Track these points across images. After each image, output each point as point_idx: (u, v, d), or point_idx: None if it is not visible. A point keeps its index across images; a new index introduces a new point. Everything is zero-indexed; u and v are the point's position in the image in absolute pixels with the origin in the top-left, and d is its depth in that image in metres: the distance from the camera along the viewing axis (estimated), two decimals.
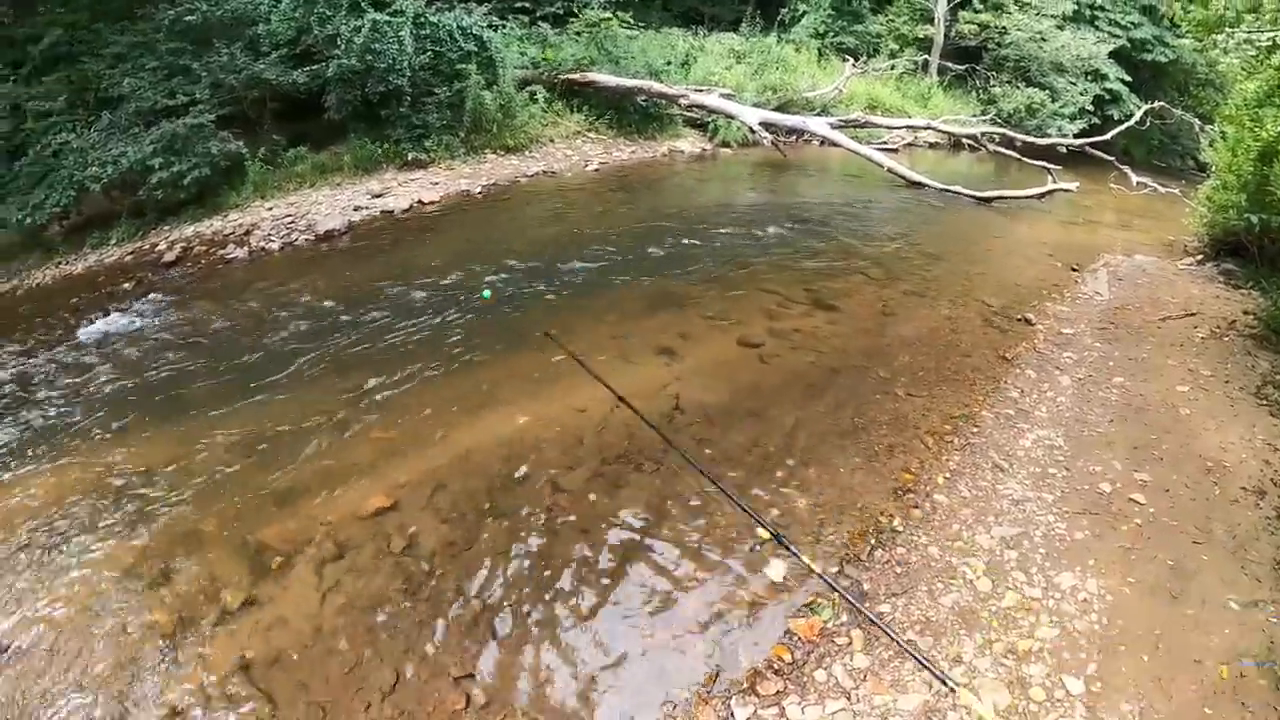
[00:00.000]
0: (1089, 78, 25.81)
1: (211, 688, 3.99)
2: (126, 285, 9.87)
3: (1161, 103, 25.55)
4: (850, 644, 4.22)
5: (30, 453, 6.23)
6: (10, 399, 7.23)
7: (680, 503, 5.30)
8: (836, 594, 4.38)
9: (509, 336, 7.77)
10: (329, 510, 5.23)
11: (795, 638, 4.27)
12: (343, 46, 13.04)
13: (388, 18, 13.51)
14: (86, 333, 8.53)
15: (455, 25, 14.42)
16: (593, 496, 5.35)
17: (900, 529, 5.16)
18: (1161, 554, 4.88)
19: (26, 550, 5.01)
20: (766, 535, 4.84)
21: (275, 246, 10.54)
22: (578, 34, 18.41)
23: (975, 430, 6.43)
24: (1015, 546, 4.97)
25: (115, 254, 11.18)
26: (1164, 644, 4.19)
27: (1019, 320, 8.89)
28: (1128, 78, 26.47)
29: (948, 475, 5.78)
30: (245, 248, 10.49)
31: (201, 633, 4.34)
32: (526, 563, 4.77)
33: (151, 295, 9.33)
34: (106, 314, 8.96)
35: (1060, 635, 4.24)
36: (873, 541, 5.04)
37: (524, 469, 5.61)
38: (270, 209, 11.88)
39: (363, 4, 13.77)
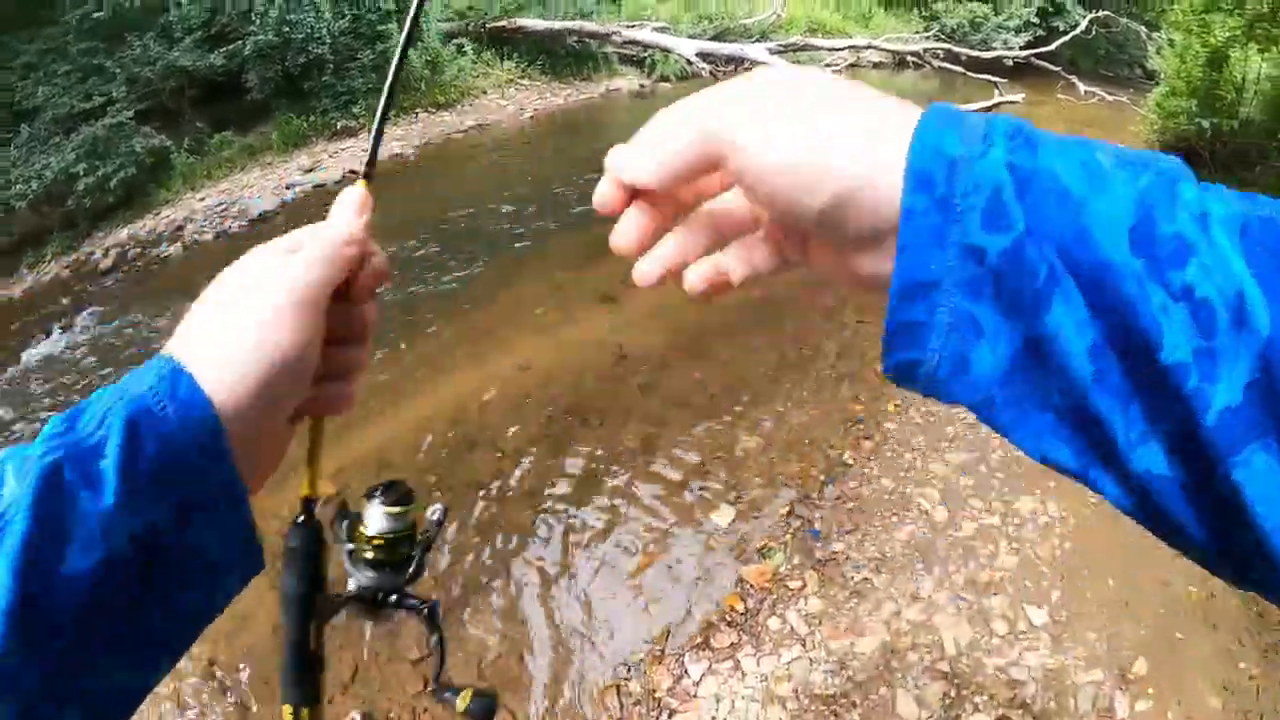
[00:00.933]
0: None
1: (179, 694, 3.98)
2: (65, 301, 9.65)
3: (1106, 11, 25.35)
4: (804, 587, 4.17)
5: None
6: None
7: (626, 456, 5.23)
8: (788, 536, 4.39)
9: (448, 300, 7.72)
10: (275, 504, 5.03)
11: (748, 586, 4.22)
12: (258, 22, 12.64)
13: None
14: (29, 356, 8.36)
15: None
16: (538, 459, 5.28)
17: (851, 462, 5.08)
18: None
19: None
20: (713, 483, 4.85)
21: (209, 238, 10.28)
22: None
23: None
24: (971, 472, 4.88)
25: (53, 270, 10.90)
26: (1129, 566, 4.12)
27: None
28: None
29: (899, 403, 5.69)
30: (178, 243, 10.25)
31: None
32: (474, 538, 4.71)
33: (90, 309, 9.14)
34: (49, 334, 8.78)
35: (1021, 564, 4.18)
36: (823, 478, 4.95)
37: (468, 437, 5.56)
38: (202, 200, 11.56)
39: None
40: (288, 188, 11.55)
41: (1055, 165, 0.43)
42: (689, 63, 17.12)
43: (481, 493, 5.01)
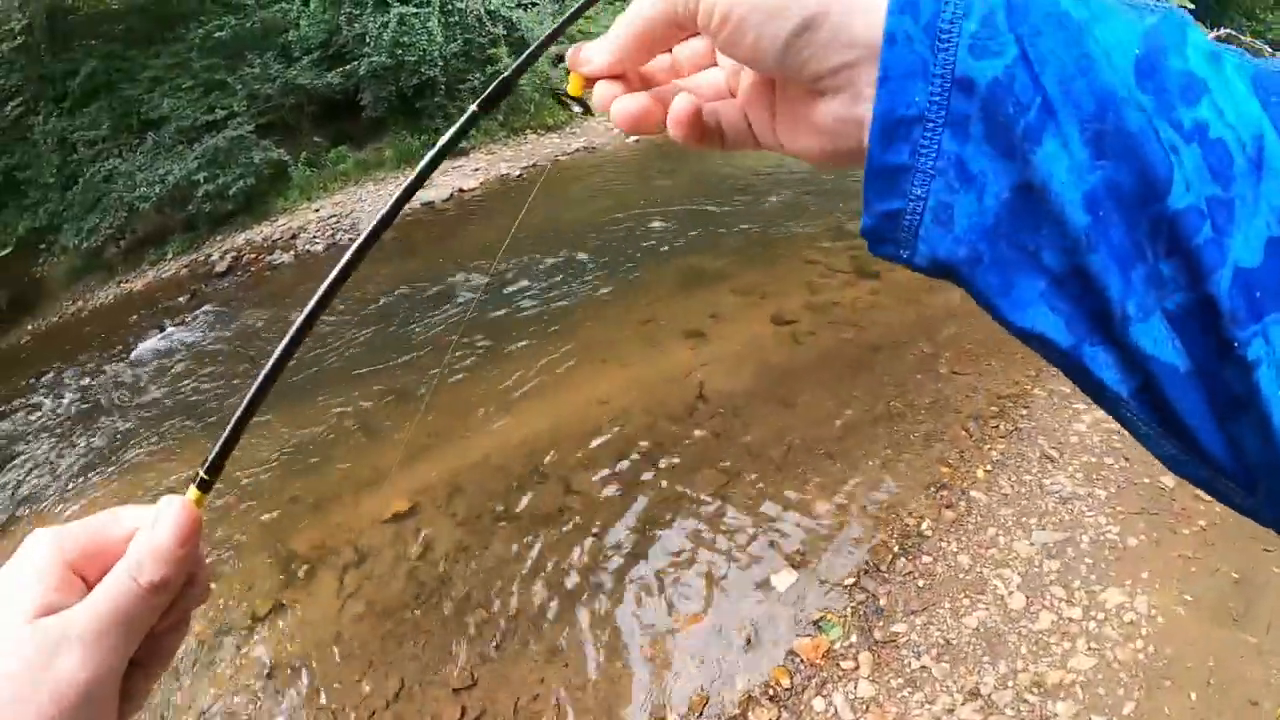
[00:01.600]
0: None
1: (236, 693, 4.18)
2: (181, 299, 10.21)
3: (1227, 29, 24.56)
4: (857, 669, 3.88)
5: (89, 469, 6.66)
6: (72, 419, 7.60)
7: (692, 505, 5.08)
8: (849, 611, 4.15)
9: (538, 329, 7.66)
10: (352, 517, 5.34)
11: (798, 660, 3.97)
12: (372, 44, 13.17)
13: (414, 10, 13.60)
14: (143, 349, 8.83)
15: (483, 10, 14.38)
16: (603, 497, 5.21)
17: (929, 533, 4.73)
18: (1226, 565, 4.24)
19: None
20: (779, 542, 4.66)
21: (320, 249, 10.78)
22: (612, 2, 18.24)
23: (1024, 413, 5.85)
24: (1058, 555, 4.46)
25: (172, 268, 11.60)
26: (1217, 678, 3.64)
27: None
28: (1191, 5, 25.34)
29: (989, 468, 5.26)
30: (291, 252, 10.77)
31: (234, 639, 4.52)
32: (532, 569, 4.70)
33: (204, 307, 9.64)
34: (162, 329, 9.27)
35: (1097, 666, 3.75)
36: (896, 548, 4.63)
37: (540, 469, 5.52)
38: (317, 211, 12.16)
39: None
40: None
41: None
42: None
43: (545, 528, 4.97)
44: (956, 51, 0.40)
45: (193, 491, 0.58)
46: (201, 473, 0.59)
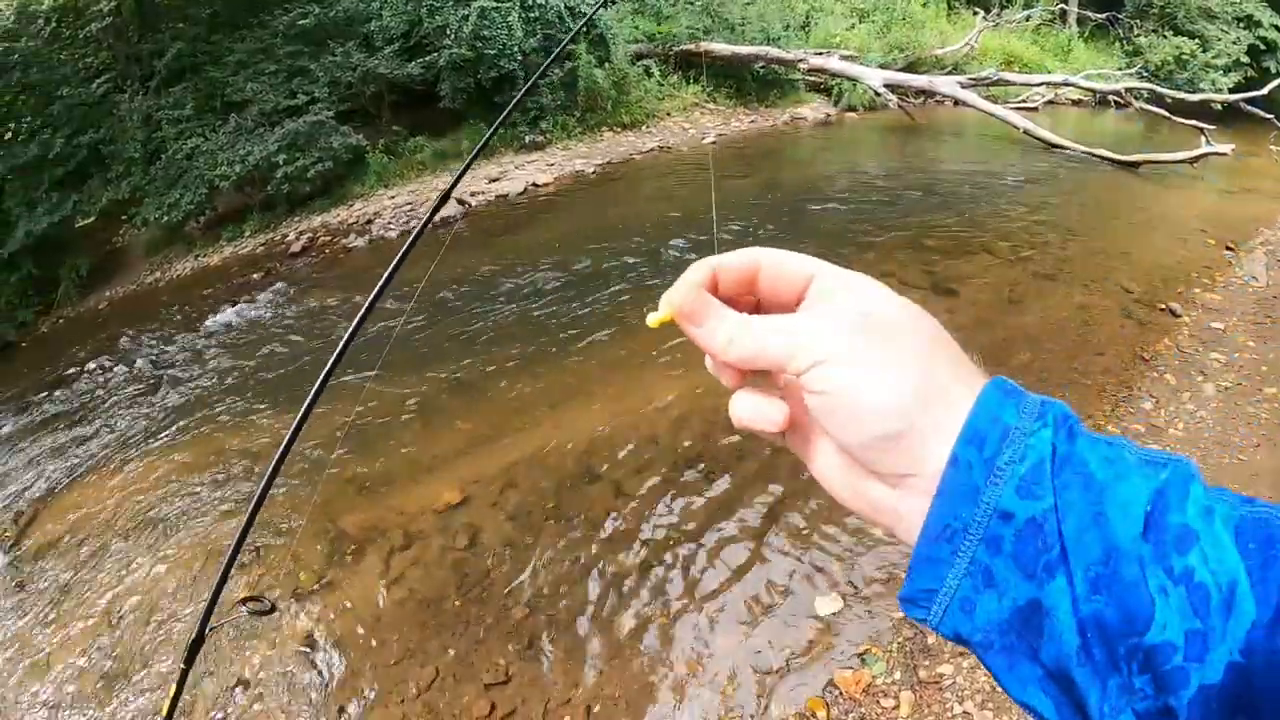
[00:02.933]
0: (1241, 24, 24.07)
1: (276, 662, 4.25)
2: (255, 276, 10.47)
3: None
4: (897, 708, 3.75)
5: (157, 434, 6.86)
6: (145, 384, 7.86)
7: (743, 520, 4.99)
8: (894, 645, 4.02)
9: (603, 324, 7.66)
10: (405, 501, 5.38)
11: (837, 692, 3.84)
12: (452, 36, 13.36)
13: (495, 4, 13.75)
14: (215, 321, 9.09)
15: (563, 6, 14.49)
16: (654, 505, 5.15)
17: None
18: None
19: (147, 524, 5.58)
20: (829, 566, 4.55)
21: (394, 234, 10.95)
22: (691, 3, 18.31)
23: None
24: None
25: (249, 246, 11.93)
26: None
27: (1162, 310, 7.88)
28: None
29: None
30: (365, 236, 10.97)
31: (276, 613, 4.58)
32: (575, 571, 4.67)
33: (277, 285, 9.86)
34: (234, 304, 9.53)
35: None
36: None
37: (593, 470, 5.50)
38: (393, 197, 12.37)
39: None
40: (471, 195, 12.04)
41: (1087, 454, 0.48)
42: (876, 93, 16.99)
43: (592, 530, 4.95)
44: (1004, 488, 0.48)
45: None
46: None
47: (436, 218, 8.84)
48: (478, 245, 10.28)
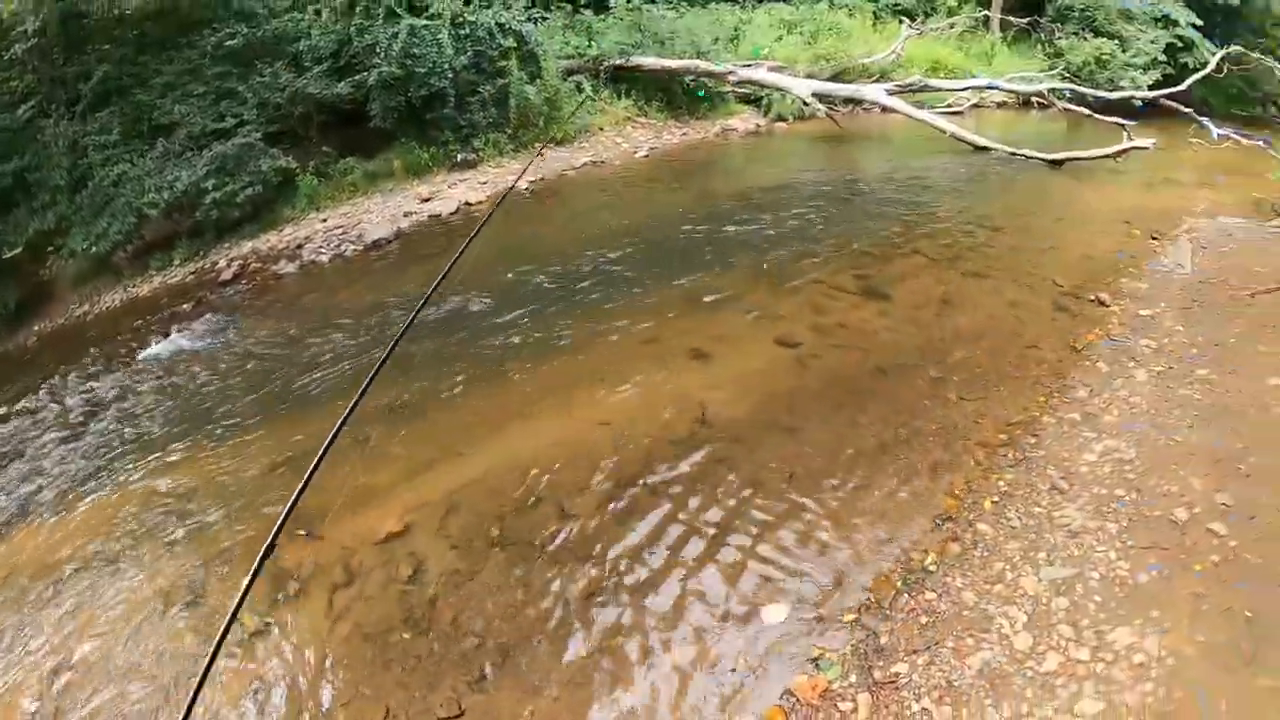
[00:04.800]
0: (1159, 24, 24.68)
1: (220, 712, 4.14)
2: (186, 306, 10.23)
3: (1238, 46, 24.53)
4: (855, 710, 3.73)
5: (89, 476, 6.61)
6: (74, 425, 7.62)
7: (690, 534, 4.97)
8: (848, 649, 4.02)
9: (539, 344, 7.62)
10: (345, 534, 5.24)
11: (794, 699, 3.82)
12: (382, 54, 13.18)
13: (425, 22, 13.63)
14: (146, 355, 8.88)
15: (493, 22, 14.38)
16: (599, 525, 5.11)
17: (933, 568, 4.57)
18: (1238, 602, 4.03)
19: (77, 574, 5.37)
20: (778, 575, 4.56)
21: (325, 259, 10.78)
22: (620, 19, 18.32)
23: (1033, 441, 5.75)
24: (1066, 592, 4.28)
25: (178, 275, 11.64)
26: None
27: (1091, 301, 8.13)
28: (1199, 22, 25.43)
29: (996, 499, 5.13)
30: (297, 262, 10.77)
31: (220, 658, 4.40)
32: (523, 596, 4.61)
33: (207, 315, 9.65)
34: (166, 335, 9.32)
35: (1105, 711, 3.55)
36: (899, 584, 4.48)
37: (536, 492, 5.45)
38: (324, 220, 12.16)
39: (398, 10, 13.86)
40: (404, 215, 11.94)
41: None
42: (805, 103, 17.15)
43: (538, 554, 4.89)
44: None
45: None
46: None
47: (369, 240, 8.71)
48: (409, 268, 10.18)
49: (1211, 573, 4.24)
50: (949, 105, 20.07)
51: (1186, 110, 21.04)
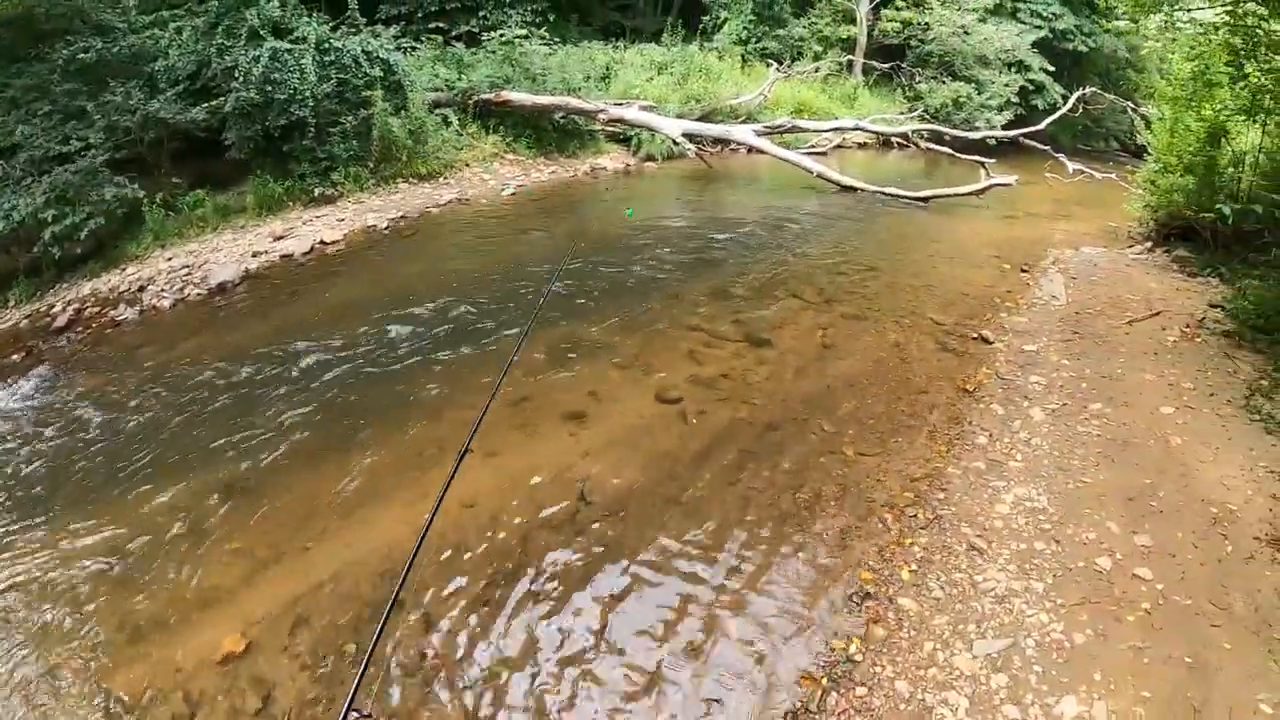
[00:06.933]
0: (1013, 69, 25.89)
1: None
2: (16, 357, 9.09)
3: (1092, 88, 25.85)
4: None
5: None
6: None
7: (573, 638, 4.33)
8: None
9: (393, 408, 6.76)
10: (180, 651, 4.35)
11: None
12: (241, 78, 12.10)
13: (288, 45, 12.62)
14: None
15: (360, 50, 13.52)
16: (471, 634, 4.37)
17: (859, 657, 4.11)
18: (1177, 649, 3.97)
19: None
20: (681, 684, 3.96)
21: (167, 304, 9.58)
22: (492, 53, 17.79)
23: (942, 496, 5.41)
24: (1004, 666, 3.96)
25: (12, 318, 10.11)
26: None
27: (975, 339, 8.08)
28: (1050, 67, 26.66)
29: (914, 567, 4.74)
30: (136, 306, 9.61)
31: None
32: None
33: (39, 369, 8.56)
34: None
35: None
36: (825, 681, 3.98)
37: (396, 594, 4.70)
38: (169, 259, 10.92)
39: (262, 32, 12.78)
40: (254, 255, 10.90)
41: None
42: (674, 142, 16.95)
43: (401, 670, 4.16)
44: None
45: None
46: None
47: (214, 282, 8.02)
48: (255, 316, 9.11)
49: (1145, 621, 4.16)
50: (813, 145, 20.38)
51: (1044, 148, 22.12)
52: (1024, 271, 10.67)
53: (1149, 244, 11.90)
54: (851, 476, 5.67)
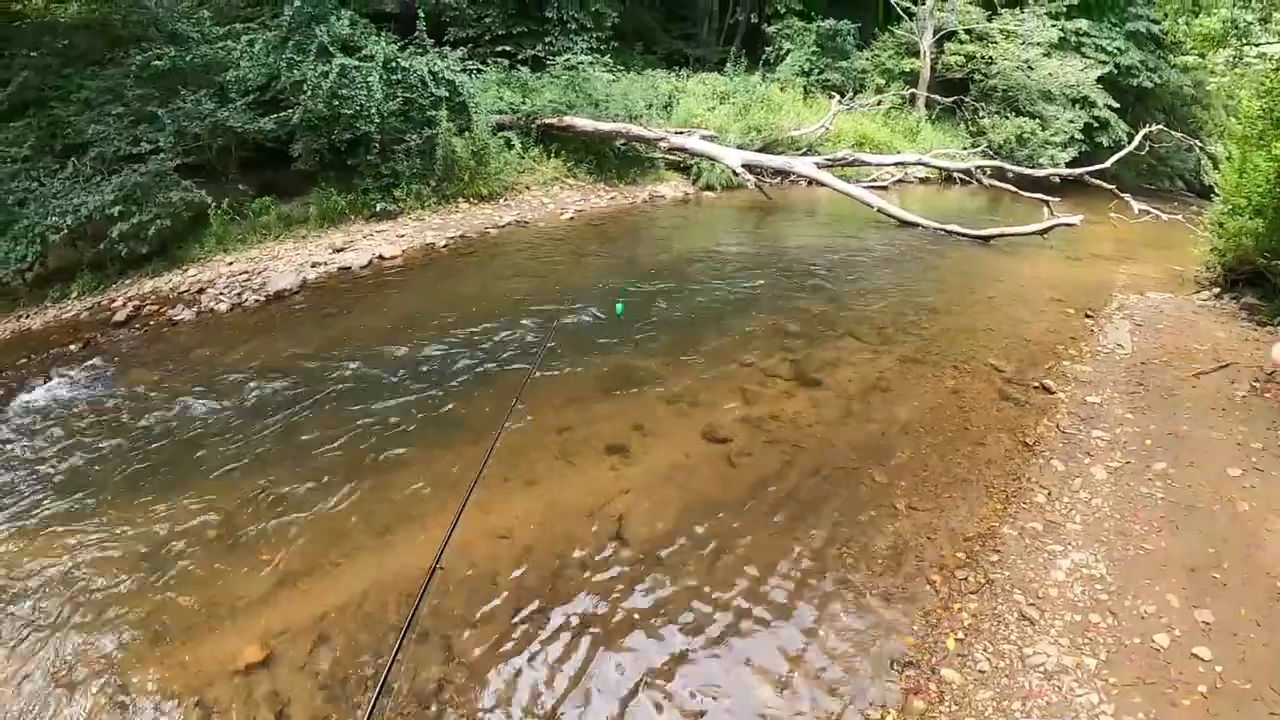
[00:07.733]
0: (1077, 105, 25.52)
1: None
2: (73, 346, 9.22)
3: (1159, 125, 25.36)
4: None
5: None
6: None
7: (596, 682, 4.13)
8: None
9: (437, 429, 6.66)
10: (201, 656, 4.29)
11: None
12: (310, 92, 12.35)
13: (356, 63, 12.84)
14: (19, 403, 7.97)
15: (426, 70, 13.72)
16: (492, 673, 4.19)
17: None
18: None
19: None
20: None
21: (224, 308, 9.77)
22: (556, 78, 17.86)
23: (995, 558, 5.07)
24: None
25: (74, 309, 10.40)
26: None
27: (1036, 388, 7.71)
28: (1115, 103, 26.23)
29: (960, 635, 4.44)
30: (194, 308, 9.75)
31: None
32: None
33: (94, 360, 8.69)
34: (47, 379, 8.35)
35: None
36: None
37: (420, 622, 4.48)
38: (230, 263, 11.15)
39: (331, 49, 13.02)
40: (313, 265, 11.02)
41: None
42: (734, 173, 16.86)
43: (418, 701, 4.01)
44: None
45: None
46: None
47: (272, 290, 8.06)
48: (310, 326, 9.17)
49: (1201, 705, 3.81)
50: (873, 179, 20.23)
51: (1109, 186, 21.63)
52: (1088, 317, 10.27)
53: (1216, 290, 11.40)
54: (901, 532, 5.38)
